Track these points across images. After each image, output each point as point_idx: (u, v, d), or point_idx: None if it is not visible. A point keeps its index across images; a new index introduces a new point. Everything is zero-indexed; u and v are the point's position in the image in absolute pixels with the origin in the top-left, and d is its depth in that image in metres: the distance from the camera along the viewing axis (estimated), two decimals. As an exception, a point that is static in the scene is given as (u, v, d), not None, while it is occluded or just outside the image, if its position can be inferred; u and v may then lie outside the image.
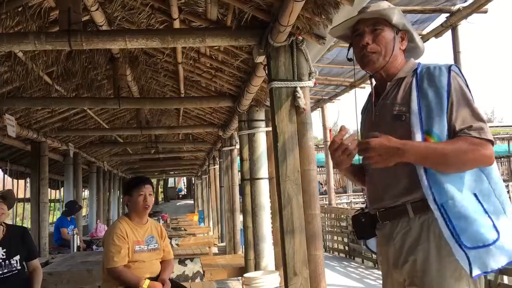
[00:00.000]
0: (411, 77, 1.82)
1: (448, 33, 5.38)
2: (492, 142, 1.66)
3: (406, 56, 1.95)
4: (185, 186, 41.61)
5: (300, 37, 3.34)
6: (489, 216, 1.64)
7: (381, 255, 1.93)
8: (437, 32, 5.40)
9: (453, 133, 1.69)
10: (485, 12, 5.09)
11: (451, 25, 5.24)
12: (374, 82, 1.99)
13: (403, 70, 1.87)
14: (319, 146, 19.57)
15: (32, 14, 4.12)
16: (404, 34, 1.91)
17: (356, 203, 20.08)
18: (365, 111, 2.05)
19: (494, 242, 1.61)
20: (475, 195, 1.68)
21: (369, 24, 1.87)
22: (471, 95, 1.74)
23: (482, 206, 1.66)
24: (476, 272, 1.60)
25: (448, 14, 5.16)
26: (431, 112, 1.72)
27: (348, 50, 1.98)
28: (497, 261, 1.61)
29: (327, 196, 11.96)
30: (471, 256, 1.60)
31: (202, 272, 6.65)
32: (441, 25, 5.30)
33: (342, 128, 1.75)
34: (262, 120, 5.86)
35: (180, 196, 38.80)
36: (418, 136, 1.72)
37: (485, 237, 1.61)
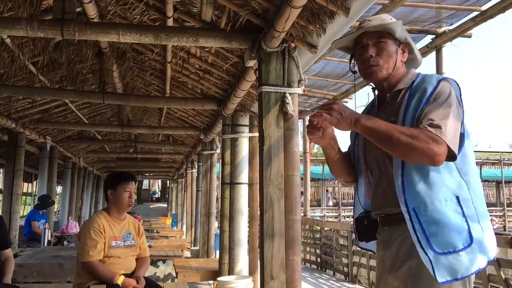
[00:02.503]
0: (408, 89, 1.87)
1: (433, 54, 5.53)
2: (446, 145, 1.64)
3: (406, 67, 2.00)
4: (159, 189, 41.28)
5: (293, 44, 3.39)
6: (467, 221, 1.67)
7: (378, 259, 1.97)
8: (422, 53, 5.53)
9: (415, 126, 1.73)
10: (469, 36, 5.25)
11: (435, 47, 5.38)
12: (376, 93, 2.03)
13: (403, 81, 1.92)
14: (299, 157, 19.64)
15: (24, 1, 4.07)
16: (405, 47, 1.97)
17: (329, 217, 20.24)
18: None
19: (465, 248, 1.64)
20: (457, 197, 1.71)
21: (373, 37, 1.92)
22: (458, 105, 1.75)
23: (462, 209, 1.69)
24: (442, 278, 1.63)
25: (433, 36, 5.31)
26: (411, 114, 1.77)
27: (350, 61, 2.03)
28: (467, 268, 1.64)
29: (302, 207, 12.03)
30: (439, 261, 1.63)
31: (173, 275, 6.60)
32: (426, 46, 5.44)
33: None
34: (246, 125, 5.89)
35: (154, 198, 38.46)
36: None
37: (455, 243, 1.64)
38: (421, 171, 1.73)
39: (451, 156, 1.68)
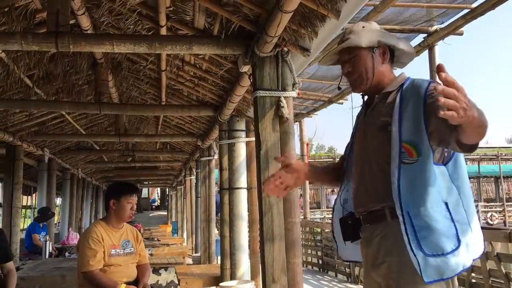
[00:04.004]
0: (398, 91, 1.90)
1: (425, 53, 5.56)
2: None
3: (397, 64, 2.06)
4: (159, 197, 41.20)
5: (286, 49, 3.42)
6: (455, 225, 1.73)
7: (363, 256, 2.01)
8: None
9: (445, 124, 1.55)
10: (461, 34, 5.29)
11: (428, 45, 5.41)
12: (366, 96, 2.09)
13: (391, 84, 1.95)
14: (296, 160, 19.66)
15: (18, 15, 4.10)
16: (385, 48, 1.99)
17: (329, 219, 20.26)
18: (358, 119, 2.15)
19: (453, 251, 1.69)
20: (446, 204, 1.75)
21: (346, 53, 2.00)
22: None
23: (451, 215, 1.74)
24: (429, 278, 1.68)
25: (425, 35, 5.34)
26: (409, 122, 1.78)
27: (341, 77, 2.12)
28: (453, 269, 1.70)
29: (302, 210, 12.02)
30: (428, 262, 1.68)
31: (176, 282, 6.60)
32: (419, 44, 5.47)
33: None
34: (242, 130, 5.91)
35: (154, 207, 38.36)
36: (396, 145, 1.79)
37: (444, 246, 1.69)
38: (416, 176, 1.76)
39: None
